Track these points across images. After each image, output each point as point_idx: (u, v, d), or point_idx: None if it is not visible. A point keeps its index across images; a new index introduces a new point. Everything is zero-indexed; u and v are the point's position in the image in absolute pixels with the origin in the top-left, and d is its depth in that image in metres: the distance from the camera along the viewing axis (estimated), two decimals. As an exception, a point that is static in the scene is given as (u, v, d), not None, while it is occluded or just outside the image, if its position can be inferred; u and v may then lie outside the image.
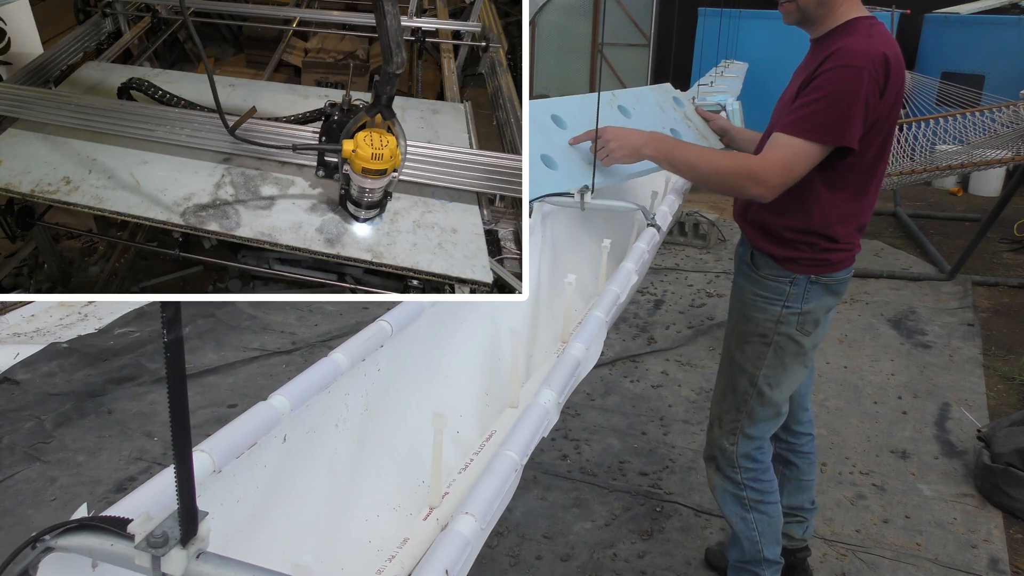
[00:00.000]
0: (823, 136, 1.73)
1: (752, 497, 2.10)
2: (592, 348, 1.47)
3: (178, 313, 0.71)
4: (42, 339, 4.06)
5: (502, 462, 1.09)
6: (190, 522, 0.77)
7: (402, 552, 1.27)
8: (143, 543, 0.75)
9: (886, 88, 1.73)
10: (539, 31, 11.48)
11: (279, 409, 1.10)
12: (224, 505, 1.02)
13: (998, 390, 3.72)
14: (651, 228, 2.03)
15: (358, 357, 1.30)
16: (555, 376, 1.32)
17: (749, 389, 2.03)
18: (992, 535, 2.69)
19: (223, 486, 1.02)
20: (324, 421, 1.25)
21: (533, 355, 1.95)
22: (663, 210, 2.19)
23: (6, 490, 2.85)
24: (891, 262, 5.54)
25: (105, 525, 0.79)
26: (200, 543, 0.78)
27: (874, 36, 1.75)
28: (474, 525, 0.95)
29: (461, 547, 0.91)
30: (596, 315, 1.56)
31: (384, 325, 1.38)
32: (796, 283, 1.92)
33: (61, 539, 0.80)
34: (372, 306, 4.57)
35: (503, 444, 1.13)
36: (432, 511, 1.36)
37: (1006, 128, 4.70)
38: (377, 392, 1.38)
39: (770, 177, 1.76)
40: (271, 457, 1.12)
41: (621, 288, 1.69)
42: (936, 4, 8.58)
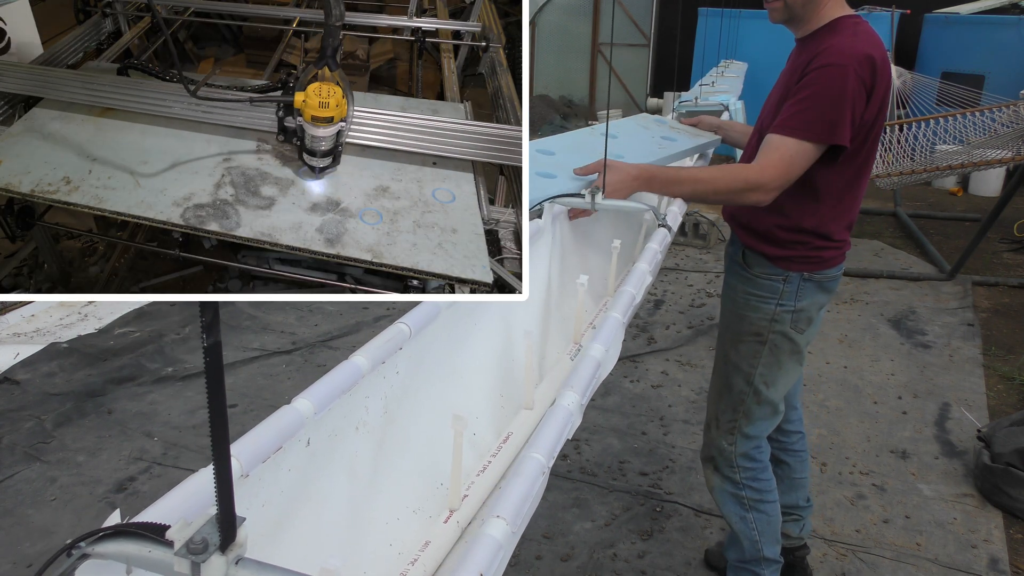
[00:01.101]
0: (816, 135, 1.73)
1: (751, 496, 2.10)
2: (612, 350, 1.47)
3: (216, 315, 0.70)
4: (42, 339, 4.06)
5: (529, 465, 1.07)
6: (229, 528, 0.76)
7: (424, 555, 1.27)
8: (183, 549, 0.74)
9: (873, 89, 1.73)
10: (539, 31, 11.48)
11: (303, 412, 1.10)
12: (250, 510, 1.02)
13: (998, 390, 3.72)
14: (662, 228, 2.03)
15: (378, 360, 1.30)
16: (577, 377, 1.32)
17: (745, 388, 2.03)
18: (992, 535, 2.69)
19: (249, 491, 1.01)
20: (345, 424, 1.25)
21: (545, 356, 1.95)
22: (673, 211, 2.19)
23: (6, 490, 2.85)
24: (891, 262, 5.54)
25: (143, 532, 0.78)
26: (239, 549, 0.77)
27: (859, 36, 1.75)
28: (505, 528, 0.94)
29: (494, 551, 0.91)
30: (614, 316, 1.55)
31: (403, 327, 1.38)
32: (789, 281, 1.93)
33: (98, 546, 0.78)
34: (372, 306, 4.57)
35: (528, 446, 1.12)
36: (452, 514, 1.36)
37: (1006, 128, 4.70)
38: (396, 394, 1.38)
39: (768, 181, 1.76)
40: (295, 461, 1.11)
41: (636, 289, 1.69)
42: (936, 4, 8.59)
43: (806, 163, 1.76)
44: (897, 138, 4.95)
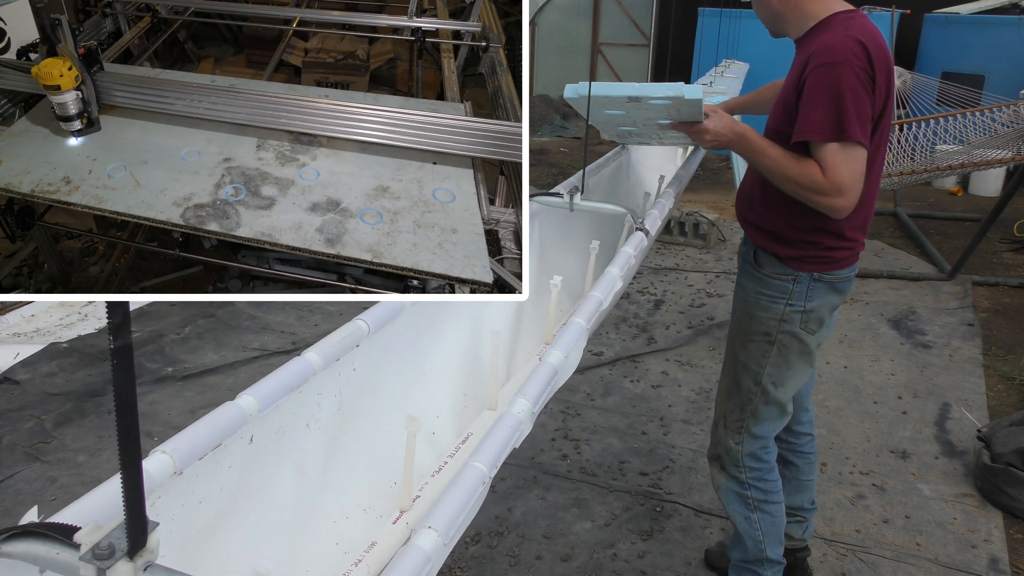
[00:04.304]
0: (836, 134, 1.69)
1: (757, 497, 2.10)
2: (571, 356, 1.44)
3: (127, 317, 0.67)
4: (42, 339, 4.06)
5: (470, 474, 1.05)
6: (138, 533, 0.73)
7: (368, 556, 1.26)
8: (88, 554, 0.72)
9: (874, 77, 1.70)
10: (539, 31, 11.48)
11: (246, 409, 1.08)
12: (185, 507, 1.00)
13: (998, 390, 3.72)
14: (639, 232, 2.01)
15: (332, 356, 1.27)
16: (531, 385, 1.29)
17: (753, 388, 2.02)
18: (992, 535, 2.69)
19: (185, 487, 1.00)
20: (295, 421, 1.23)
21: (516, 355, 1.93)
22: (653, 214, 2.17)
23: (6, 490, 2.85)
24: (891, 262, 5.54)
25: (51, 533, 0.75)
26: (148, 555, 0.74)
27: (851, 28, 1.73)
28: (437, 540, 0.92)
29: (422, 563, 0.89)
30: (577, 322, 1.52)
31: (360, 324, 1.36)
32: (799, 281, 1.91)
33: (6, 545, 0.76)
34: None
35: (472, 455, 1.10)
36: (402, 514, 1.35)
37: (1006, 128, 4.70)
38: (352, 392, 1.36)
39: (837, 186, 1.71)
40: (237, 458, 1.09)
41: (604, 294, 1.65)
42: (936, 4, 8.59)
43: (859, 163, 1.72)
44: (897, 138, 4.95)
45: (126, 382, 0.69)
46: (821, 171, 1.72)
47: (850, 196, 1.73)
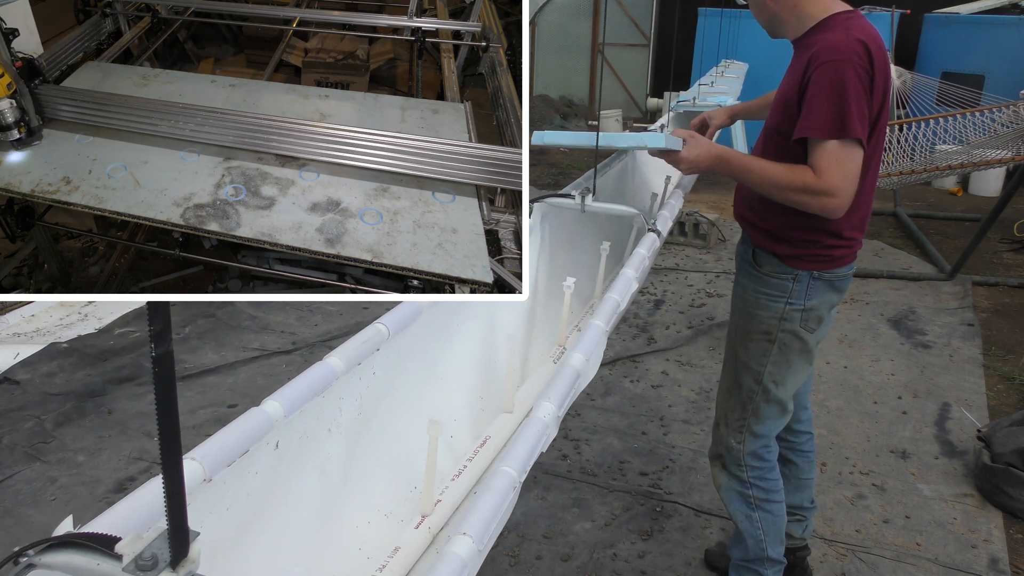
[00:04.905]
0: (837, 132, 1.70)
1: (758, 496, 2.10)
2: (592, 359, 1.44)
3: (168, 321, 0.65)
4: (42, 339, 4.06)
5: (501, 480, 1.05)
6: (181, 544, 0.72)
7: (392, 561, 1.25)
8: (131, 565, 0.71)
9: (874, 78, 1.70)
10: (539, 31, 11.48)
11: (272, 415, 1.08)
12: (213, 514, 1.00)
13: (998, 390, 3.72)
14: (651, 233, 2.01)
15: (354, 361, 1.27)
16: (555, 388, 1.29)
17: (754, 387, 2.03)
18: (992, 535, 2.69)
19: (213, 495, 0.99)
20: (317, 426, 1.23)
21: (529, 357, 1.93)
22: (664, 215, 2.17)
23: (6, 490, 2.85)
24: (891, 262, 5.54)
25: (92, 543, 0.74)
26: (191, 565, 0.73)
27: (852, 28, 1.73)
28: (472, 547, 0.92)
29: (458, 569, 0.88)
30: (596, 324, 1.52)
31: (380, 328, 1.36)
32: (799, 279, 1.92)
33: (45, 556, 0.74)
34: (372, 306, 4.57)
35: (501, 460, 1.10)
36: (424, 519, 1.34)
37: (1006, 128, 4.70)
38: (372, 396, 1.36)
39: (830, 186, 1.71)
40: (263, 464, 1.09)
41: (621, 296, 1.65)
42: (936, 4, 8.59)
43: (854, 163, 1.72)
44: (897, 138, 4.95)
45: (167, 390, 0.67)
46: (814, 172, 1.73)
47: (843, 196, 1.73)
